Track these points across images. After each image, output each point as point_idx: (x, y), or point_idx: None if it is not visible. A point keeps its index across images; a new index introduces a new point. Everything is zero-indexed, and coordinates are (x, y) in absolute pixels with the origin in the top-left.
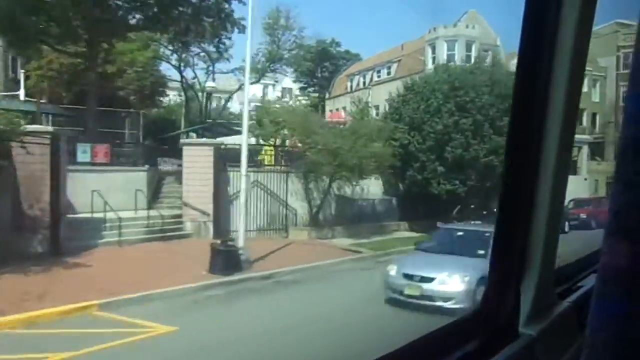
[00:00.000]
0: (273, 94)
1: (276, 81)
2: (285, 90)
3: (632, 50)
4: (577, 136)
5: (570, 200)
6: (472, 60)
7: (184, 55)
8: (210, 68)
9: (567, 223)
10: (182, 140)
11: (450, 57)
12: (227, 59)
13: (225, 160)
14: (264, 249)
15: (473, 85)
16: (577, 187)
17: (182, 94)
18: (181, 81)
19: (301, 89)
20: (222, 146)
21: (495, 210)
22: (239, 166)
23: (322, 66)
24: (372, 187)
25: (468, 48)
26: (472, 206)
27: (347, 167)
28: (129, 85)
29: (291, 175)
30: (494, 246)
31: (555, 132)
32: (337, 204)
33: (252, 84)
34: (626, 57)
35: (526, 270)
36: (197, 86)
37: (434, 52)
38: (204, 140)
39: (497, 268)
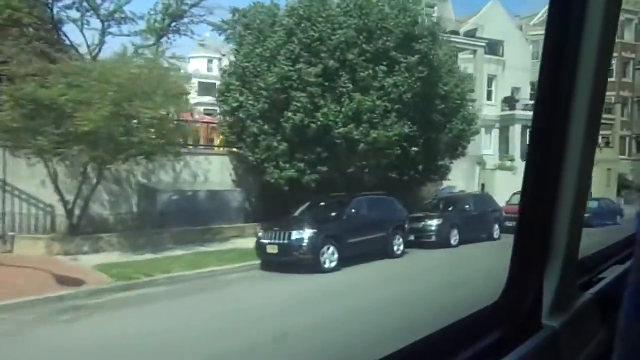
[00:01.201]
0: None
1: (223, 55)
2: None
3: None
4: None
5: (514, 194)
6: None
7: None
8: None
9: (495, 226)
10: None
11: None
12: (133, 19)
13: None
14: None
15: (327, 15)
16: None
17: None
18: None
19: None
20: None
21: (353, 211)
22: None
23: None
24: (215, 174)
25: None
26: (322, 203)
27: (78, 137)
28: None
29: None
30: (517, 235)
31: (581, 122)
32: (139, 198)
33: (149, 46)
34: None
35: (549, 260)
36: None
37: None
38: None
39: (519, 258)
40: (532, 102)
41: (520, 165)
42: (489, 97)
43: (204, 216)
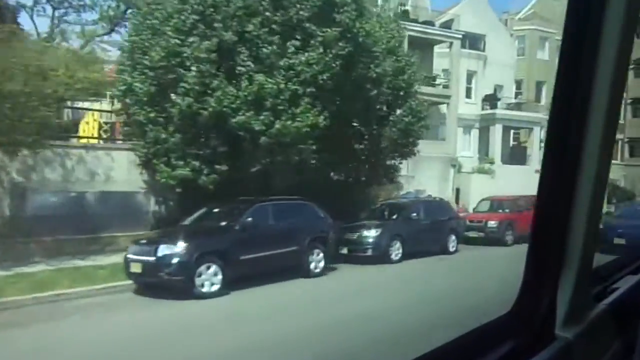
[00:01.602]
0: None
1: None
2: None
3: None
4: (527, 114)
5: (482, 200)
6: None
7: None
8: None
9: (452, 237)
10: None
11: None
12: (92, 7)
13: None
14: None
15: None
16: (524, 181)
17: None
18: None
19: None
20: None
21: (250, 220)
22: None
23: None
24: (121, 172)
25: None
26: (217, 210)
27: None
28: None
29: None
30: (531, 244)
31: (598, 126)
32: (12, 199)
33: (104, 34)
34: None
35: (563, 270)
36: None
37: None
38: None
39: (533, 267)
40: (515, 100)
41: (501, 168)
42: (468, 95)
43: (97, 222)
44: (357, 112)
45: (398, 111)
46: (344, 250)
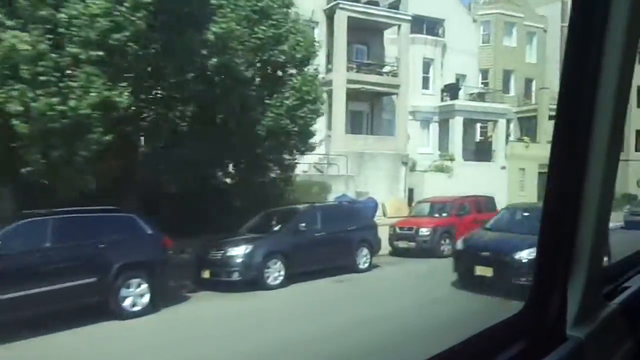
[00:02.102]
0: None
1: None
2: None
3: None
4: (491, 105)
5: (419, 202)
6: None
7: None
8: None
9: (363, 251)
10: None
11: None
12: None
13: None
14: None
15: None
16: (487, 180)
17: None
18: None
19: None
20: None
21: None
22: None
23: None
24: None
25: None
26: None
27: None
28: None
29: None
30: (540, 244)
31: (605, 124)
32: None
33: None
34: None
35: (573, 269)
36: None
37: None
38: None
39: (543, 267)
40: (477, 90)
41: (461, 166)
42: (425, 85)
43: None
44: (201, 90)
45: (286, 93)
46: (206, 274)
